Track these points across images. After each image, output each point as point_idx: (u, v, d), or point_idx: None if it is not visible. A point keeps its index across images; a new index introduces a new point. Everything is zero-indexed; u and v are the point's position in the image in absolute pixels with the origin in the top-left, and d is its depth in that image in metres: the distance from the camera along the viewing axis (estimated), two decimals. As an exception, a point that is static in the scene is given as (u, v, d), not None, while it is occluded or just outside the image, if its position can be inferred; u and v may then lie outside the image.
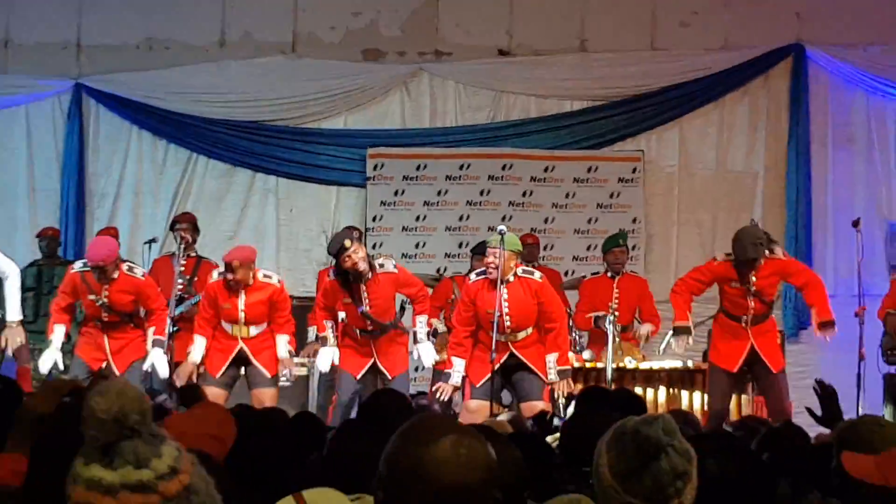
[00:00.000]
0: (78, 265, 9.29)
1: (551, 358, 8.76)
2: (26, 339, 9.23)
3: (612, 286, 10.39)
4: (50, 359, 9.09)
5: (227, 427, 3.98)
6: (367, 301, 8.95)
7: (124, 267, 9.09)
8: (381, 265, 9.12)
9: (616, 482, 2.66)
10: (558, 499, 3.32)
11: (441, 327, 9.97)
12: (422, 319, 9.22)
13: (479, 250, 10.13)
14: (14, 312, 9.05)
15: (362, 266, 8.83)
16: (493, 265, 8.50)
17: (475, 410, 8.35)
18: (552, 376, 8.72)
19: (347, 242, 8.96)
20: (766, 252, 9.12)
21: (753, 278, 9.06)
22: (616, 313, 10.01)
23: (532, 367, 8.77)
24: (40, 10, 12.58)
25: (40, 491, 2.51)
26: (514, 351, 8.77)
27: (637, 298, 10.45)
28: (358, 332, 9.09)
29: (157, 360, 9.00)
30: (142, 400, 2.20)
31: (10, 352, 9.18)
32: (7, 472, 2.75)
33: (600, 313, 10.10)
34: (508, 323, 8.63)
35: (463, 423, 2.61)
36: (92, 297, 9.01)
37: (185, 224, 10.58)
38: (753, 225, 9.81)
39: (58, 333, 9.17)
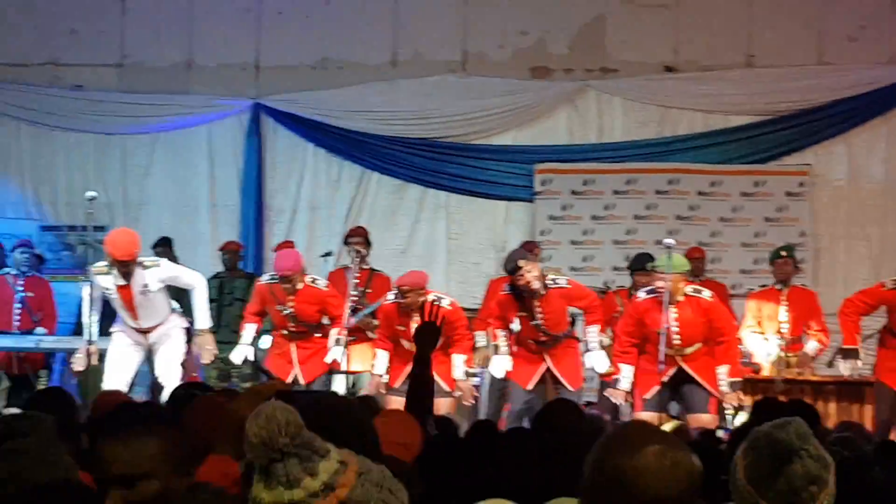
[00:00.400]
0: (265, 277, 9.70)
1: (722, 370, 8.88)
2: (214, 346, 9.53)
3: (781, 299, 10.38)
4: (241, 353, 9.55)
5: (413, 434, 4.15)
6: (540, 315, 9.14)
7: (308, 279, 9.42)
8: (554, 280, 9.25)
9: (751, 486, 2.64)
10: None
11: (606, 341, 10.04)
12: (593, 329, 9.37)
13: (637, 265, 10.37)
14: (203, 321, 9.33)
15: (536, 284, 9.02)
16: (662, 288, 8.68)
17: (646, 423, 8.53)
18: (724, 388, 8.82)
19: (522, 262, 9.12)
20: None
21: None
22: (787, 325, 10.10)
23: (700, 380, 8.88)
24: (221, 33, 12.88)
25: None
26: (683, 365, 8.89)
27: (806, 311, 10.38)
28: (532, 342, 9.24)
29: (337, 355, 9.34)
30: (291, 423, 2.24)
31: (205, 359, 9.56)
32: (217, 474, 2.81)
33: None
34: (678, 341, 8.78)
35: (668, 433, 2.59)
36: (279, 307, 9.33)
37: (358, 238, 10.78)
38: None
39: (248, 331, 9.64)
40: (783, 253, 10.59)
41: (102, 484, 2.75)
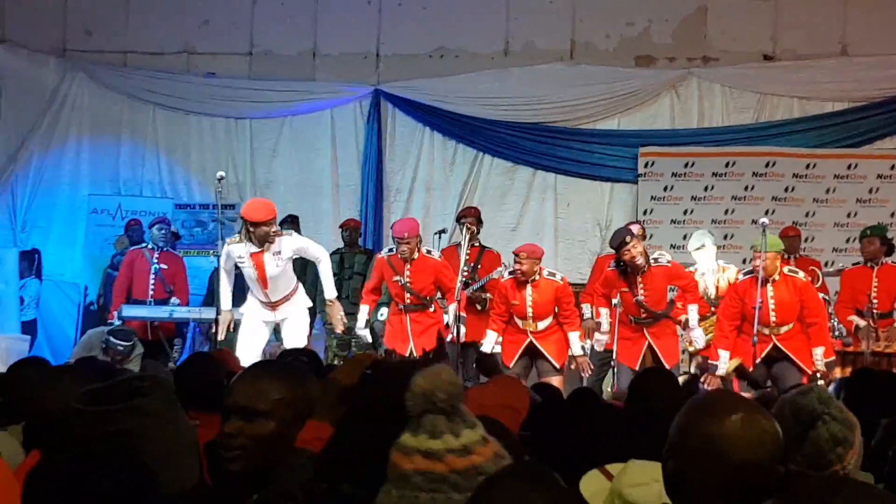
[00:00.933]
0: (384, 251, 10.02)
1: (818, 352, 9.11)
2: (344, 315, 9.68)
3: (872, 276, 10.42)
4: (361, 335, 10.00)
5: (523, 399, 4.17)
6: (641, 290, 9.42)
7: (423, 250, 9.76)
8: (657, 259, 9.54)
9: None
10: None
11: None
12: (693, 308, 9.61)
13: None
14: (330, 291, 9.58)
15: (640, 260, 9.31)
16: (759, 267, 8.96)
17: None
18: (820, 367, 9.06)
19: (628, 238, 9.39)
20: None
21: None
22: (875, 301, 10.08)
23: (794, 357, 9.11)
24: (344, 23, 13.29)
25: (341, 455, 2.56)
26: (777, 342, 9.14)
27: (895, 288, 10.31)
28: (632, 318, 9.52)
29: (451, 323, 9.61)
30: (452, 384, 2.35)
31: (339, 328, 9.70)
32: (311, 437, 2.81)
33: (861, 322, 10.15)
34: (774, 319, 9.07)
35: (752, 401, 2.57)
36: (396, 278, 9.67)
37: (470, 217, 10.99)
38: None
39: (362, 312, 9.96)
40: (868, 232, 10.70)
41: (226, 411, 2.84)
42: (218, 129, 13.48)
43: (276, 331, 9.77)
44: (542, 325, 9.60)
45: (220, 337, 9.47)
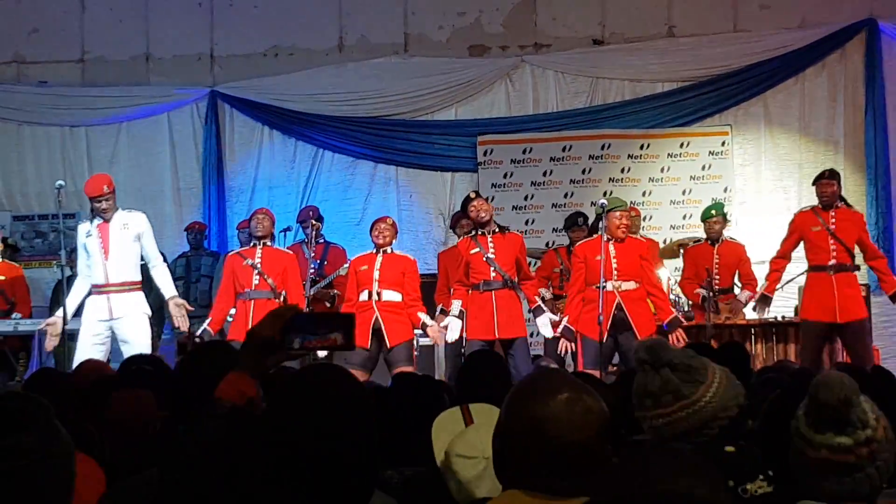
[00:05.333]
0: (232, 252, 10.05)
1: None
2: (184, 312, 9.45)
3: (713, 252, 10.87)
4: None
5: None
6: (492, 249, 9.50)
7: (272, 243, 9.86)
8: (507, 228, 9.81)
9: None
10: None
11: (547, 295, 10.51)
12: (537, 297, 9.80)
13: (571, 223, 11.09)
14: (172, 290, 9.47)
15: (485, 216, 9.53)
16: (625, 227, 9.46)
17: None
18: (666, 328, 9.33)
19: (472, 194, 9.73)
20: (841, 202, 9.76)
21: (833, 218, 9.66)
22: (717, 277, 10.53)
23: (635, 328, 9.21)
24: (176, 26, 13.23)
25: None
26: (620, 300, 9.28)
27: (736, 263, 10.87)
28: (482, 284, 9.47)
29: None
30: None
31: (182, 326, 9.38)
32: (233, 389, 2.78)
33: (704, 290, 10.42)
34: (616, 274, 9.33)
35: (577, 380, 2.59)
36: (246, 262, 9.61)
37: (307, 220, 11.11)
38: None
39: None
40: (713, 212, 11.02)
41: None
42: (53, 139, 13.31)
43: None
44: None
45: (48, 347, 9.32)
